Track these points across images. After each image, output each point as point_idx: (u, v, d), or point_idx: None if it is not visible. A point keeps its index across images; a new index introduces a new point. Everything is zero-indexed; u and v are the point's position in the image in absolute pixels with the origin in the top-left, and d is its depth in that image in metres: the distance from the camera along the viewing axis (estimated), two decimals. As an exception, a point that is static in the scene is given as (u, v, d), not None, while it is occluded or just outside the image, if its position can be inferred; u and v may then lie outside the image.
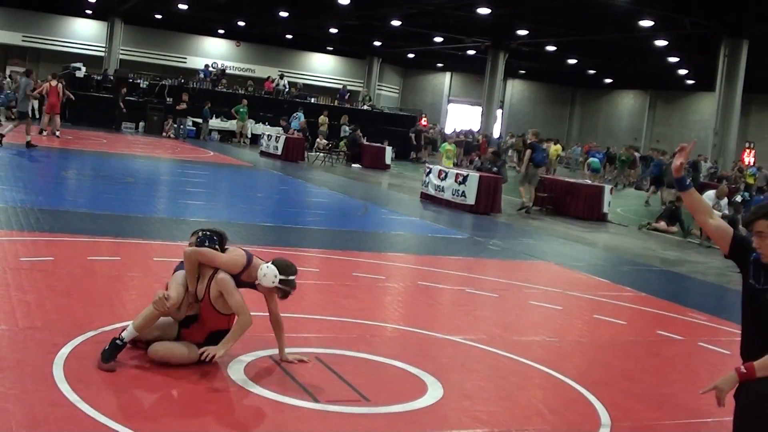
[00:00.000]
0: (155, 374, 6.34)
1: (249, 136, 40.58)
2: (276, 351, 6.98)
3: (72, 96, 30.60)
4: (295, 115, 37.94)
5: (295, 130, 35.68)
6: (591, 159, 37.91)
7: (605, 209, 23.06)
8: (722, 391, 4.60)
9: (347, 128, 38.65)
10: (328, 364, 6.98)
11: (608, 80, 66.88)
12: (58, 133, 29.24)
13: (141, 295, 8.57)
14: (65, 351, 6.51)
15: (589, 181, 27.07)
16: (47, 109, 29.35)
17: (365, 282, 10.88)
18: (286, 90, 46.62)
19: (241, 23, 56.94)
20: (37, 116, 35.07)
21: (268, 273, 6.71)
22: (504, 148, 44.17)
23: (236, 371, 6.55)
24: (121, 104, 38.43)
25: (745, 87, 36.09)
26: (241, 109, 39.92)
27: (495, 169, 22.95)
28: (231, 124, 40.94)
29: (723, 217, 20.18)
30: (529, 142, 24.81)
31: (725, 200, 20.73)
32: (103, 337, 6.95)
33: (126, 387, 6.02)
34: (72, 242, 11.14)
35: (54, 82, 29.51)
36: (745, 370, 4.57)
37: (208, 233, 7.02)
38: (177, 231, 13.19)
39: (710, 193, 20.96)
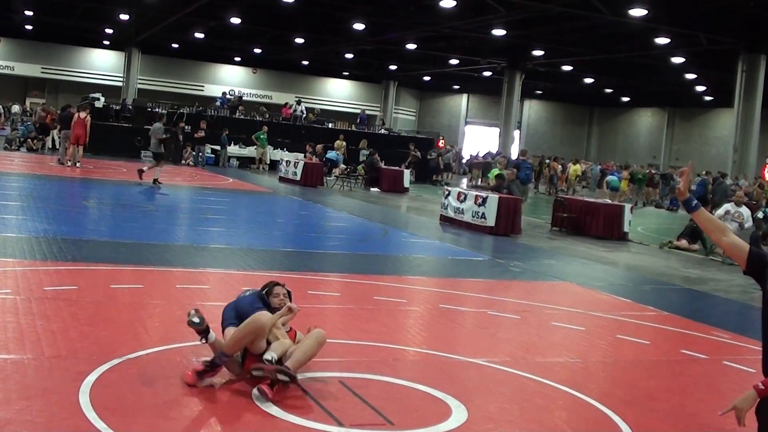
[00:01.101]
0: (180, 400, 6.37)
1: (268, 162, 40.69)
2: (301, 375, 6.99)
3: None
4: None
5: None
6: (609, 177, 37.82)
7: (626, 228, 22.98)
8: (741, 410, 4.58)
9: (365, 152, 38.73)
10: (351, 388, 6.98)
11: (625, 99, 66.88)
12: (78, 163, 29.49)
13: (164, 323, 8.62)
14: (91, 379, 6.54)
15: (609, 200, 26.98)
16: (72, 140, 29.65)
17: (387, 305, 10.87)
18: (304, 116, 46.79)
19: (258, 50, 57.36)
20: (57, 146, 35.47)
21: None
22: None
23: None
24: (180, 137, 38.59)
25: (764, 102, 36.01)
26: (261, 136, 40.07)
27: (505, 190, 22.93)
28: (249, 151, 41.08)
29: (740, 227, 20.01)
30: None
31: (746, 209, 20.50)
32: (128, 364, 7.00)
33: (152, 414, 6.03)
34: (95, 271, 11.20)
35: (83, 114, 29.88)
36: (763, 387, 4.56)
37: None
38: (199, 258, 13.26)
39: (727, 206, 20.85)
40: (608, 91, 63.34)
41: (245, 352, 6.95)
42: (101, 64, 60.61)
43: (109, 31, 54.29)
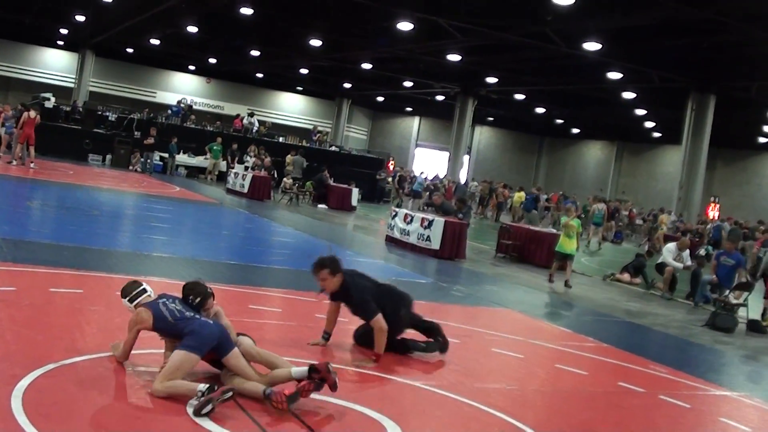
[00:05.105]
0: (114, 408, 6.29)
1: (216, 173, 40.42)
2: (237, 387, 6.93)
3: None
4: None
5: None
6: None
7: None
8: None
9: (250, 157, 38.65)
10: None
11: (576, 130, 67.52)
12: (33, 164, 29.16)
13: (102, 329, 8.51)
14: (24, 383, 6.43)
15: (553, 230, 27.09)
16: (21, 139, 29.31)
17: (328, 323, 10.82)
18: (255, 129, 46.63)
19: (212, 60, 57.12)
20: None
21: None
22: (469, 194, 44.37)
23: (193, 406, 6.48)
24: (230, 157, 38.46)
25: (711, 141, 36.57)
26: (215, 147, 39.84)
27: (460, 215, 22.99)
28: (198, 161, 40.83)
29: (685, 268, 20.44)
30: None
31: (687, 252, 20.93)
32: (63, 370, 6.89)
33: (84, 421, 5.94)
34: (34, 273, 11.04)
35: (32, 113, 29.58)
36: None
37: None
38: (141, 266, 13.12)
39: (671, 246, 21.16)
40: (559, 121, 63.92)
41: None
42: (54, 63, 59.99)
43: (64, 31, 53.80)
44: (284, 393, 6.74)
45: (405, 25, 33.03)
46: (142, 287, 7.53)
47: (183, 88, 62.93)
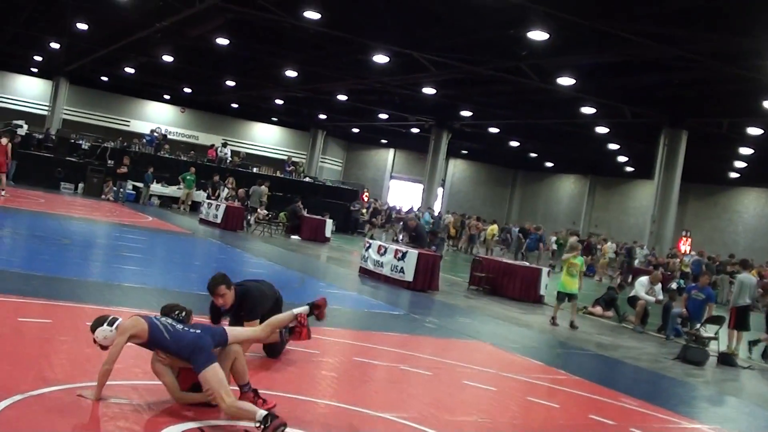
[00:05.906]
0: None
1: (189, 203, 40.26)
2: (206, 422, 6.87)
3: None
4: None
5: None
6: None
7: (542, 291, 23.19)
8: None
9: (226, 189, 38.71)
10: (258, 438, 6.87)
11: (549, 164, 67.80)
12: (3, 192, 28.97)
13: (71, 360, 8.42)
14: (-10, 414, 6.36)
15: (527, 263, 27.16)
16: None
17: (299, 356, 10.73)
18: (229, 159, 46.56)
19: (187, 90, 57.06)
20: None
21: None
22: (443, 226, 44.46)
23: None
24: (210, 189, 39.04)
25: (683, 176, 36.81)
26: (188, 177, 39.66)
27: (433, 247, 23.01)
28: (172, 190, 40.66)
29: (657, 302, 20.55)
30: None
31: (659, 286, 21.05)
32: (30, 401, 6.81)
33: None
34: (2, 302, 10.92)
35: (4, 141, 29.45)
36: None
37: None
38: (111, 296, 13.02)
39: (643, 279, 21.26)
40: (533, 155, 64.17)
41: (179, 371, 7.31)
42: (27, 91, 59.81)
43: (38, 58, 53.65)
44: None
45: (380, 58, 33.14)
46: (113, 316, 7.48)
47: (157, 118, 62.88)
